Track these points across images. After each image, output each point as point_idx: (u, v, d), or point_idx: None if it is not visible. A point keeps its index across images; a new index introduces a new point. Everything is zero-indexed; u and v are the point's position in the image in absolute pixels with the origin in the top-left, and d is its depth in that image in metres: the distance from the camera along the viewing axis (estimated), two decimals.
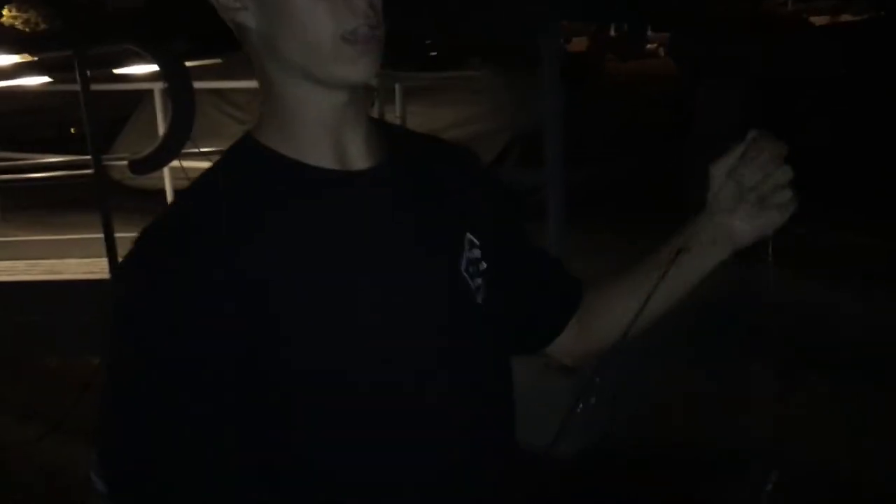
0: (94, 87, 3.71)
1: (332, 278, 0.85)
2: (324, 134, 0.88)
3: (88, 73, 3.58)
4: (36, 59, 4.56)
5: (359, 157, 0.90)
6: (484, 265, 0.95)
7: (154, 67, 4.25)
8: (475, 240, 0.95)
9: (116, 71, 5.50)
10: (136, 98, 7.04)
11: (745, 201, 0.94)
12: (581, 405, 0.93)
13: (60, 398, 3.38)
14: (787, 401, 3.53)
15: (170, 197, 5.04)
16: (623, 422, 3.16)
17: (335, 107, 0.87)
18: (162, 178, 5.07)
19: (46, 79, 5.37)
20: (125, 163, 3.97)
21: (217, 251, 0.82)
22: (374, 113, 5.70)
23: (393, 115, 5.88)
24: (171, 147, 3.44)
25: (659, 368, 3.35)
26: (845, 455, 3.02)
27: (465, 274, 0.93)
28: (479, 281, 0.94)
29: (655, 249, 1.01)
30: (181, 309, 0.80)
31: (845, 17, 21.89)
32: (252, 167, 0.88)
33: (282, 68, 0.86)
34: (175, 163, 3.74)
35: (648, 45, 32.19)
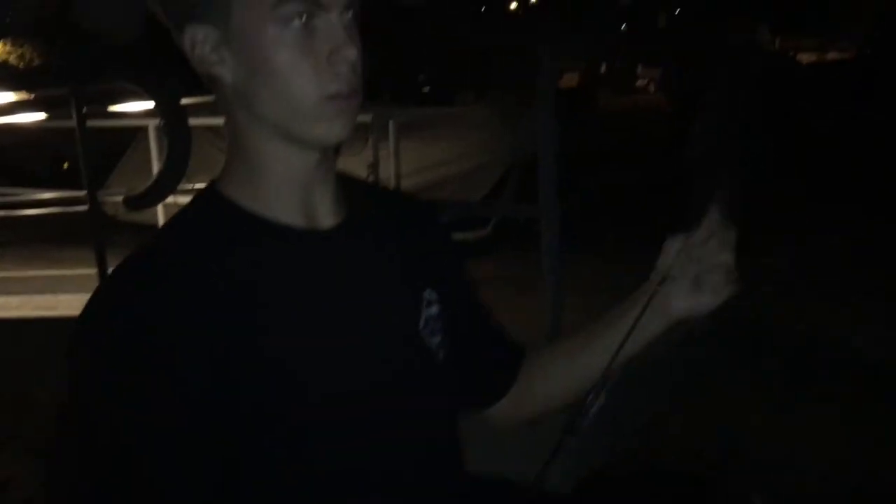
0: (90, 123, 3.73)
1: (293, 336, 0.85)
2: (292, 191, 0.87)
3: (84, 109, 3.59)
4: (32, 96, 4.58)
5: (326, 215, 0.90)
6: (440, 322, 0.96)
7: (149, 104, 4.28)
8: (434, 296, 0.96)
9: (111, 107, 5.53)
10: (128, 131, 7.06)
11: (682, 277, 0.94)
12: (567, 441, 0.93)
13: (50, 434, 3.35)
14: (784, 421, 3.53)
15: None
16: (621, 452, 3.14)
17: (307, 165, 0.87)
18: (156, 214, 5.07)
19: (42, 115, 5.39)
20: (120, 198, 3.97)
21: (180, 307, 0.81)
22: (369, 149, 5.74)
23: (387, 152, 5.92)
24: (167, 184, 3.45)
25: (657, 394, 3.35)
26: (845, 472, 3.02)
27: (423, 333, 0.93)
28: (438, 339, 0.95)
29: (598, 317, 1.02)
30: (146, 367, 0.79)
31: (832, 55, 22.29)
32: (217, 222, 0.87)
33: (255, 123, 0.85)
34: (169, 199, 3.75)
35: (639, 81, 32.64)
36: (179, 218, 0.89)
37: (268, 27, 0.80)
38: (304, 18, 0.80)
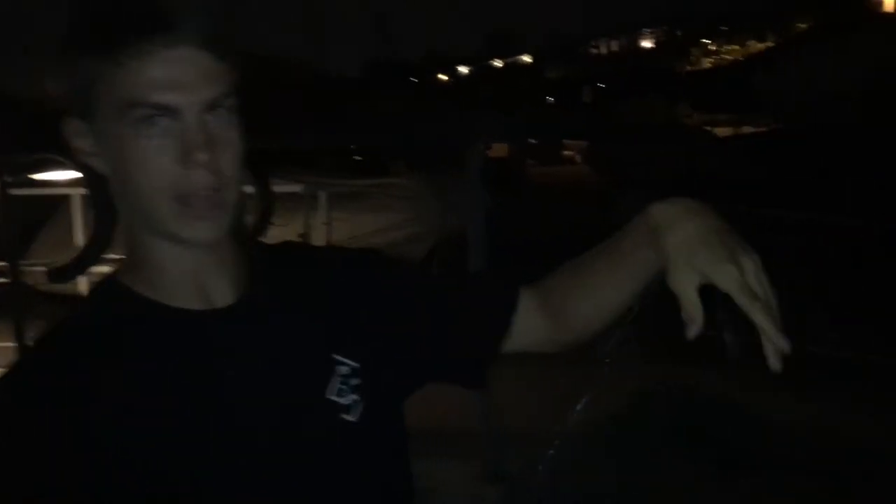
0: (11, 192, 3.64)
1: (187, 418, 0.84)
2: (184, 277, 0.88)
3: (7, 178, 3.52)
4: None
5: (223, 294, 0.90)
6: (356, 381, 0.94)
7: (73, 174, 4.21)
8: (343, 358, 0.94)
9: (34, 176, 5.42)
10: (49, 199, 6.89)
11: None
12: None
13: None
14: (717, 500, 3.57)
15: None
16: None
17: (194, 254, 0.88)
18: (76, 283, 4.94)
19: None
20: (40, 268, 3.87)
21: (75, 398, 0.81)
22: (301, 220, 5.74)
23: (318, 222, 5.92)
24: (92, 255, 3.38)
25: (594, 470, 3.36)
26: None
27: (333, 397, 0.92)
28: (353, 397, 0.93)
29: (618, 236, 0.98)
30: (34, 453, 0.79)
31: (746, 129, 23.39)
32: (114, 310, 0.88)
33: (134, 216, 0.86)
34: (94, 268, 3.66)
35: (565, 152, 33.62)
36: (79, 308, 0.91)
37: (123, 129, 0.81)
38: (156, 121, 0.81)
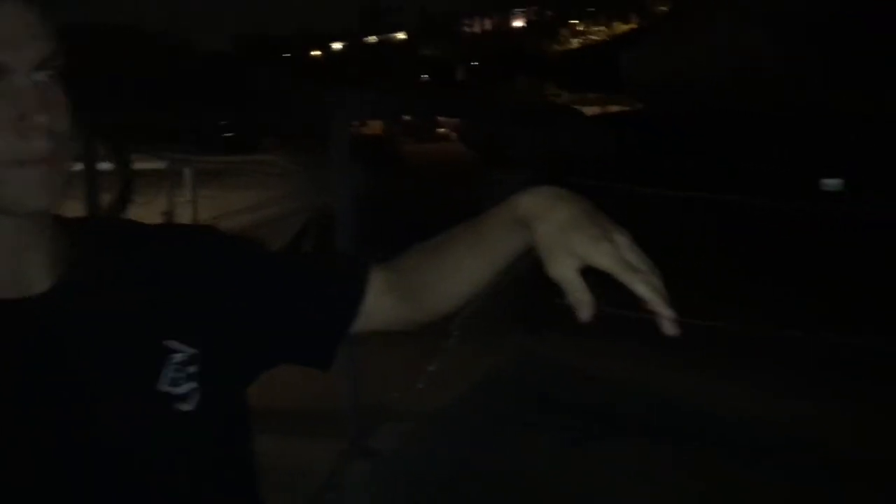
0: None
1: None
2: None
3: None
4: None
5: (39, 279, 0.83)
6: (193, 368, 0.89)
7: None
8: (178, 344, 0.89)
9: None
10: None
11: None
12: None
13: None
14: (584, 468, 3.71)
15: None
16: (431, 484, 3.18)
17: (10, 231, 0.80)
18: None
19: None
20: None
21: None
22: (164, 198, 5.54)
23: (183, 200, 5.74)
24: None
25: (456, 442, 3.42)
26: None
27: (166, 388, 0.87)
28: (190, 385, 0.88)
29: (483, 216, 0.96)
30: None
31: (612, 108, 24.33)
32: None
33: None
34: None
35: (439, 130, 33.94)
36: None
37: None
38: None
